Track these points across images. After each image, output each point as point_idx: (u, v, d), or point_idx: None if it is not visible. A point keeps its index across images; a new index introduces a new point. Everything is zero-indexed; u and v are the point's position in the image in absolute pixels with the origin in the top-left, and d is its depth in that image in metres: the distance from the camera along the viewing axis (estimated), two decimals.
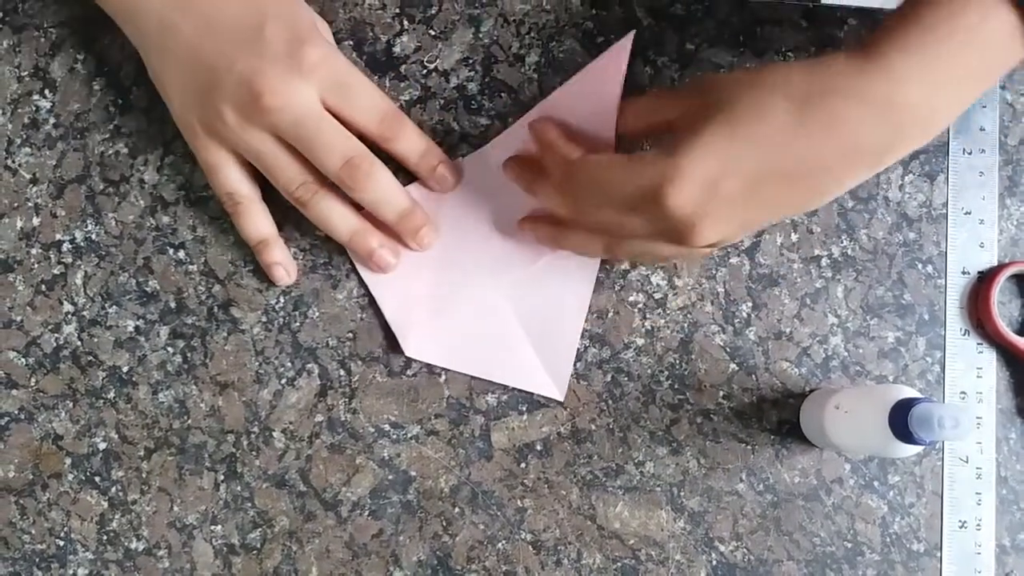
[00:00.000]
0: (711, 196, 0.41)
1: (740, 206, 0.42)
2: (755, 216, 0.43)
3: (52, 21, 0.53)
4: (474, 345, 0.52)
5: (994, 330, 0.53)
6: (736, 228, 0.43)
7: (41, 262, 0.52)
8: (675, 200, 0.41)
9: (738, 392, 0.53)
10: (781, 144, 0.41)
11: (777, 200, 0.43)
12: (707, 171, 0.41)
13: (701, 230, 0.42)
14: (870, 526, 0.52)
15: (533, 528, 0.52)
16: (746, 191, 0.42)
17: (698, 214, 0.42)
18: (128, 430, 0.51)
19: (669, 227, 0.43)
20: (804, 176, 0.42)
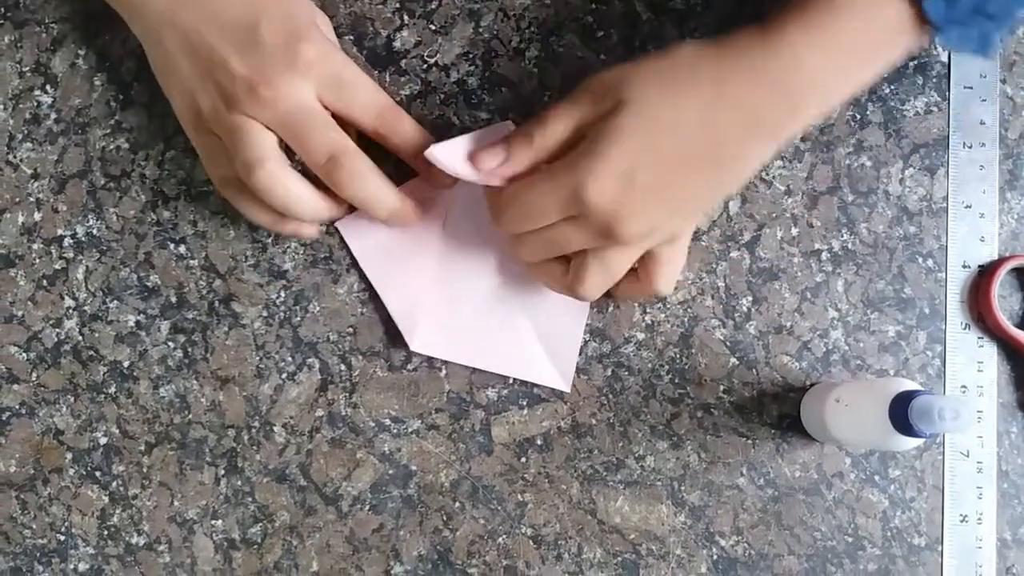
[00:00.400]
0: (629, 187, 0.42)
1: (659, 193, 0.43)
2: (677, 203, 0.44)
3: (53, 16, 0.53)
4: (479, 338, 0.52)
5: (995, 324, 0.53)
6: (662, 216, 0.44)
7: (42, 257, 0.52)
8: (595, 196, 0.42)
9: (738, 386, 0.53)
10: (694, 128, 0.43)
11: (695, 185, 0.44)
12: (622, 163, 0.42)
13: (626, 220, 0.43)
14: (871, 520, 0.52)
15: (534, 523, 0.52)
16: (663, 178, 0.43)
17: (620, 204, 0.42)
18: (129, 425, 0.52)
19: (597, 224, 0.43)
20: (715, 158, 0.43)
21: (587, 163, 0.42)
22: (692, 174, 0.43)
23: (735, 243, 0.53)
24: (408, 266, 0.52)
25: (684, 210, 0.45)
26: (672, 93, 0.43)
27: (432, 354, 0.52)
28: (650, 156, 0.42)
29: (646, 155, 0.42)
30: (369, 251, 0.52)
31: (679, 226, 0.46)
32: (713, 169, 0.44)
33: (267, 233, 0.52)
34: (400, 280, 0.52)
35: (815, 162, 0.54)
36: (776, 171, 0.54)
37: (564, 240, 0.45)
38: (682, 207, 0.45)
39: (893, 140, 0.54)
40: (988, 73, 0.55)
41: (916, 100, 0.55)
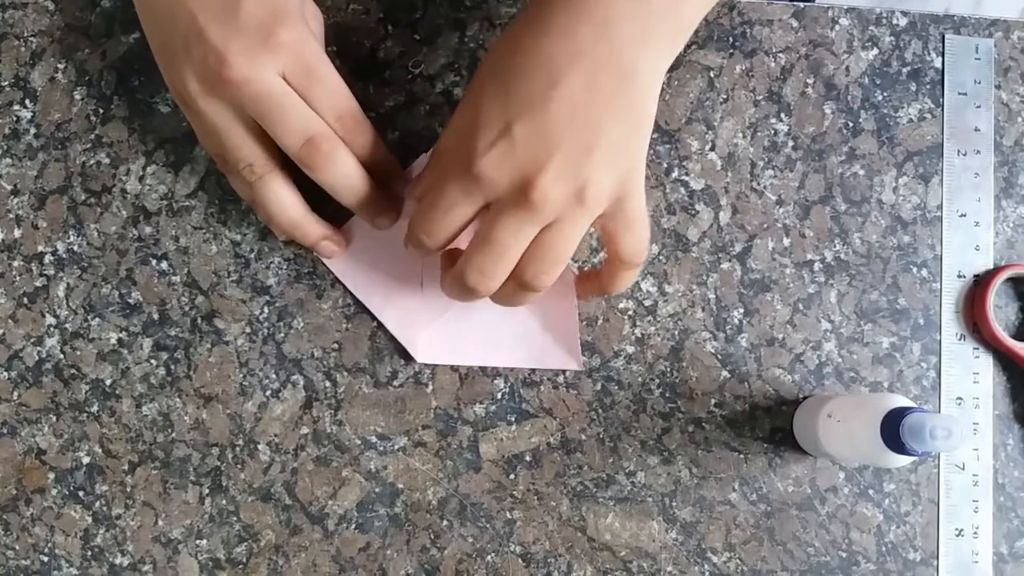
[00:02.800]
0: (511, 142, 0.40)
1: (547, 136, 0.40)
2: (584, 146, 0.40)
3: (32, 30, 0.53)
4: (483, 336, 0.51)
5: (990, 334, 0.52)
6: (575, 167, 0.40)
7: (23, 274, 0.51)
8: (483, 166, 0.41)
9: (730, 400, 0.52)
10: (538, 54, 0.40)
11: (578, 111, 0.40)
12: (494, 125, 0.40)
13: (535, 183, 0.40)
14: (865, 535, 0.51)
15: (523, 540, 0.51)
16: (540, 119, 0.40)
17: (516, 165, 0.40)
18: (112, 444, 0.51)
19: (511, 200, 0.41)
20: (580, 72, 0.40)
21: (465, 141, 0.41)
22: (573, 104, 0.40)
23: (726, 254, 0.53)
24: (396, 281, 0.51)
25: (596, 152, 0.41)
26: (514, 41, 0.41)
27: (439, 362, 0.51)
28: (518, 102, 0.40)
29: (514, 103, 0.40)
30: (356, 274, 0.51)
31: (612, 180, 0.41)
32: (601, 97, 0.40)
33: (250, 248, 0.52)
34: (392, 296, 0.51)
35: (807, 171, 0.53)
36: (767, 180, 0.53)
37: (497, 234, 0.42)
38: (589, 148, 0.40)
39: (886, 148, 0.53)
40: (982, 79, 0.54)
41: (909, 107, 0.54)
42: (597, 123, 0.41)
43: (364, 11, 0.53)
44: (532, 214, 0.41)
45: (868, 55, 0.54)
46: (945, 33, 0.54)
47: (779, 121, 0.53)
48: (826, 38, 0.54)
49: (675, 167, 0.53)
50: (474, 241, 0.43)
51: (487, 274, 0.43)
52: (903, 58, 0.54)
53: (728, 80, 0.53)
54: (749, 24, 0.54)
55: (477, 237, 0.43)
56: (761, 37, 0.54)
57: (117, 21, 0.53)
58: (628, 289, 0.52)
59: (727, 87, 0.53)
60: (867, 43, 0.54)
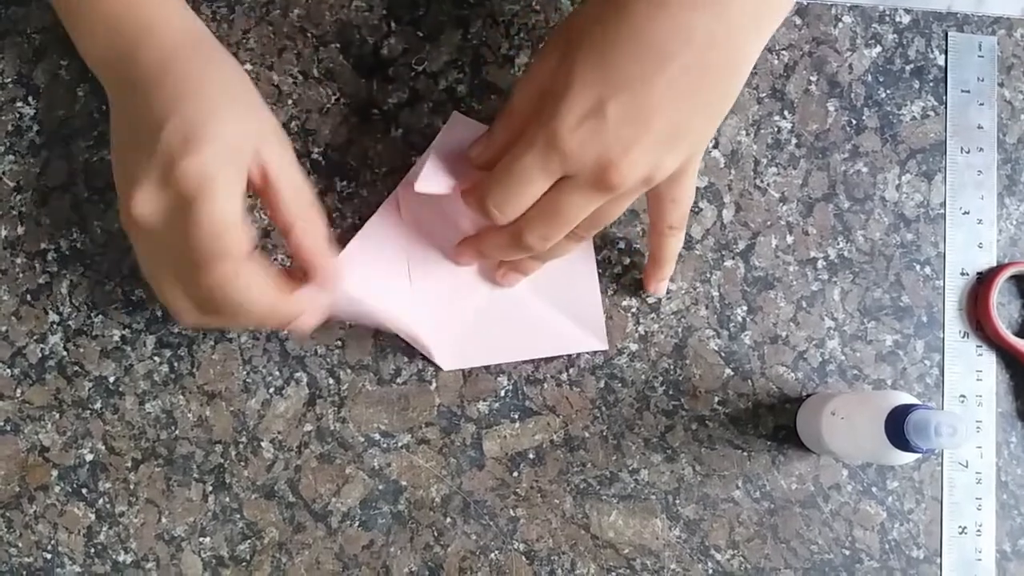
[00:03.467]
0: (603, 122, 0.39)
1: (641, 123, 0.39)
2: (667, 130, 0.39)
3: (35, 27, 0.52)
4: (506, 333, 0.51)
5: (994, 332, 0.52)
6: (656, 150, 0.40)
7: (26, 271, 0.51)
8: (569, 141, 0.39)
9: (733, 397, 0.52)
10: (648, 33, 0.38)
11: (678, 98, 0.39)
12: (586, 100, 0.39)
13: (615, 163, 0.39)
14: (869, 533, 0.51)
15: (526, 538, 0.51)
16: (637, 102, 0.39)
17: (601, 144, 0.39)
18: (115, 441, 0.51)
19: (588, 176, 0.40)
20: (691, 59, 0.38)
21: (551, 110, 0.39)
22: (665, 85, 0.38)
23: (729, 252, 0.53)
24: (415, 298, 0.51)
25: (679, 138, 0.40)
26: (618, 13, 0.39)
27: (466, 365, 0.51)
28: (613, 81, 0.38)
29: (609, 82, 0.39)
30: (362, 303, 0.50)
31: (679, 159, 0.41)
32: (694, 79, 0.39)
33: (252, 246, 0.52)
34: (412, 313, 0.51)
35: (810, 168, 0.53)
36: (771, 178, 0.53)
37: (565, 207, 0.42)
38: (675, 134, 0.40)
39: (890, 145, 0.53)
40: (986, 77, 0.54)
41: (913, 105, 0.54)
42: (693, 113, 0.40)
43: (367, 8, 0.53)
44: (607, 194, 0.41)
45: (871, 52, 0.54)
46: (948, 30, 0.54)
47: (782, 118, 0.53)
48: (829, 35, 0.54)
49: None
50: (540, 208, 0.42)
51: (548, 238, 0.43)
52: (906, 55, 0.54)
53: None
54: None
55: (544, 205, 0.42)
56: None
57: None
58: (632, 287, 0.52)
59: None
60: (870, 40, 0.54)
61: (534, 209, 0.42)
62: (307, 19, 0.52)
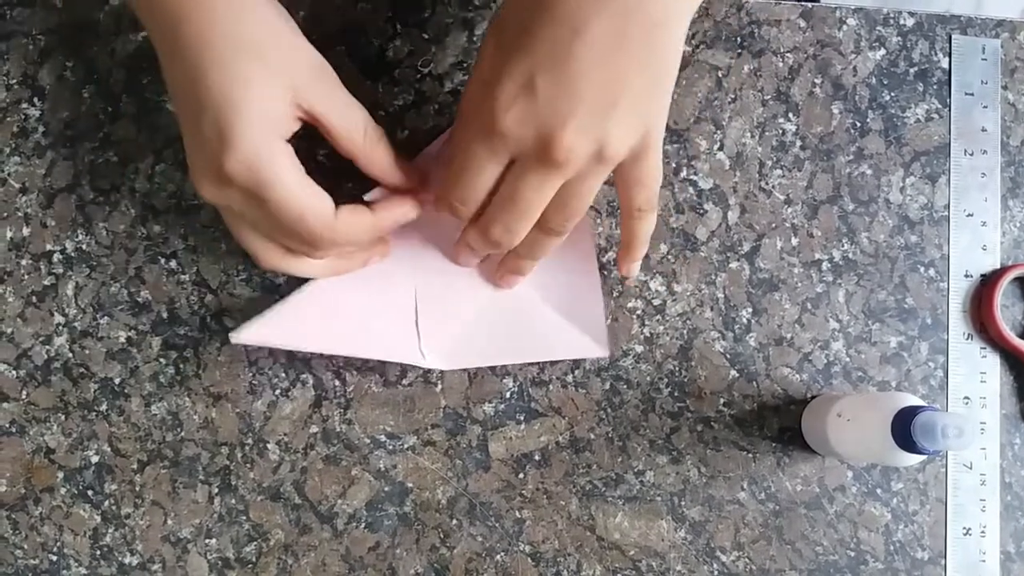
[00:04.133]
0: (534, 96, 0.39)
1: (571, 90, 0.39)
2: (607, 99, 0.39)
3: (40, 28, 0.52)
4: (506, 335, 0.51)
5: (997, 334, 0.52)
6: (597, 120, 0.40)
7: (31, 273, 0.51)
8: (505, 122, 0.40)
9: (739, 399, 0.52)
10: (563, 5, 0.38)
11: (614, 70, 0.39)
12: (516, 79, 0.39)
13: (557, 136, 0.39)
14: (873, 534, 0.51)
15: (532, 540, 0.51)
16: (564, 72, 0.39)
17: (540, 118, 0.39)
18: (121, 443, 0.51)
19: (534, 154, 0.40)
20: (608, 23, 0.38)
21: (487, 95, 0.40)
22: (599, 57, 0.39)
23: (734, 254, 0.53)
24: (415, 307, 0.51)
25: (617, 105, 0.40)
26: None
27: (461, 365, 0.51)
28: (542, 56, 0.39)
29: (537, 56, 0.39)
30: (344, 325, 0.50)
31: (633, 135, 0.41)
32: (614, 42, 0.39)
33: None
34: (413, 322, 0.51)
35: (815, 171, 0.53)
36: (775, 180, 0.53)
37: (520, 192, 0.42)
38: (611, 102, 0.39)
39: (894, 148, 0.54)
40: (989, 79, 0.54)
41: (917, 107, 0.54)
42: (622, 76, 0.39)
43: (373, 10, 0.53)
44: (555, 170, 0.41)
45: (875, 55, 0.54)
46: (952, 33, 0.54)
47: (787, 121, 0.53)
48: (834, 38, 0.54)
49: (683, 166, 0.53)
50: (498, 197, 0.43)
51: (512, 230, 0.44)
52: (910, 58, 0.54)
53: (736, 80, 0.53)
54: (757, 24, 0.54)
55: (501, 194, 0.43)
56: (769, 37, 0.54)
57: (125, 19, 0.52)
58: (637, 289, 0.52)
59: (735, 87, 0.53)
60: (874, 43, 0.54)
61: (494, 200, 0.43)
62: (313, 21, 0.52)
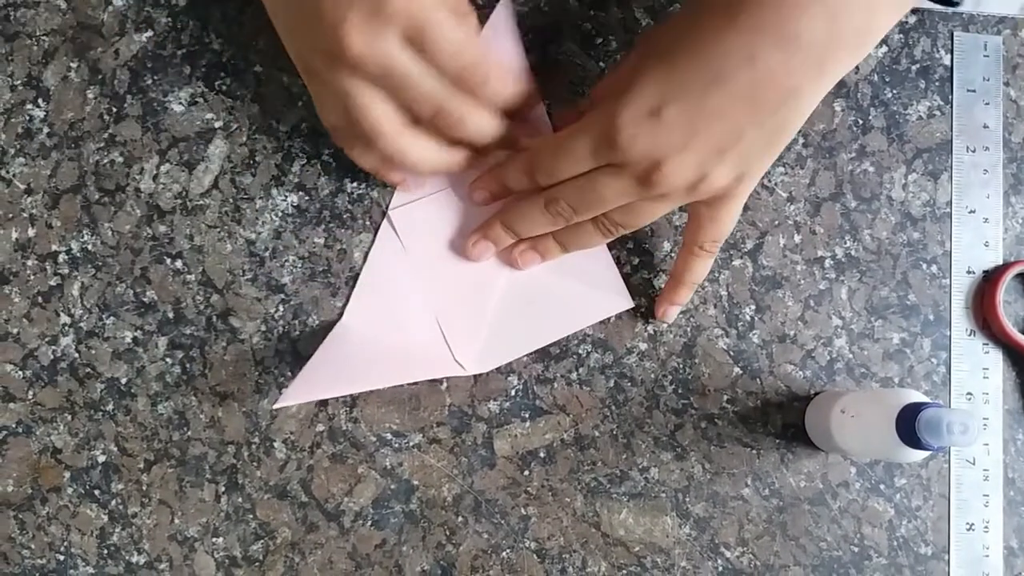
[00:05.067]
0: (658, 123, 0.41)
1: (698, 131, 0.41)
2: (722, 143, 0.41)
3: (44, 29, 0.53)
4: (530, 320, 0.52)
5: (1000, 330, 0.52)
6: (707, 159, 0.42)
7: (37, 273, 0.52)
8: (624, 137, 0.41)
9: (742, 396, 0.52)
10: (713, 47, 0.40)
11: (731, 113, 0.41)
12: (647, 100, 0.41)
13: (665, 163, 0.41)
14: (877, 530, 0.52)
15: (537, 536, 0.51)
16: (693, 109, 0.41)
17: (655, 142, 0.41)
18: (127, 442, 0.51)
19: (636, 170, 0.42)
20: (748, 78, 0.40)
21: (615, 104, 0.42)
22: (721, 100, 0.40)
23: (737, 251, 0.53)
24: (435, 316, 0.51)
25: (728, 152, 0.42)
26: (689, 25, 0.41)
27: (504, 361, 0.51)
28: (676, 89, 0.41)
29: (672, 88, 0.41)
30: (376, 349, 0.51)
31: (728, 181, 0.43)
32: (748, 100, 0.40)
33: (264, 247, 0.52)
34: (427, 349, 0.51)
35: (817, 168, 0.53)
36: (778, 178, 0.53)
37: (602, 187, 0.44)
38: (724, 148, 0.42)
39: (896, 145, 0.54)
40: (991, 76, 0.54)
41: (919, 104, 0.54)
42: (743, 128, 0.41)
43: None
44: (646, 190, 0.43)
45: (877, 52, 0.54)
46: (954, 30, 0.55)
47: None
48: None
49: None
50: (581, 181, 0.44)
51: (580, 209, 0.46)
52: (912, 55, 0.54)
53: None
54: None
55: (585, 182, 0.44)
56: None
57: (130, 19, 0.53)
58: (640, 287, 0.52)
59: None
60: None
61: (575, 181, 0.45)
62: None
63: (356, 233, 0.52)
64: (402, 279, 0.51)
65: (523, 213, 0.48)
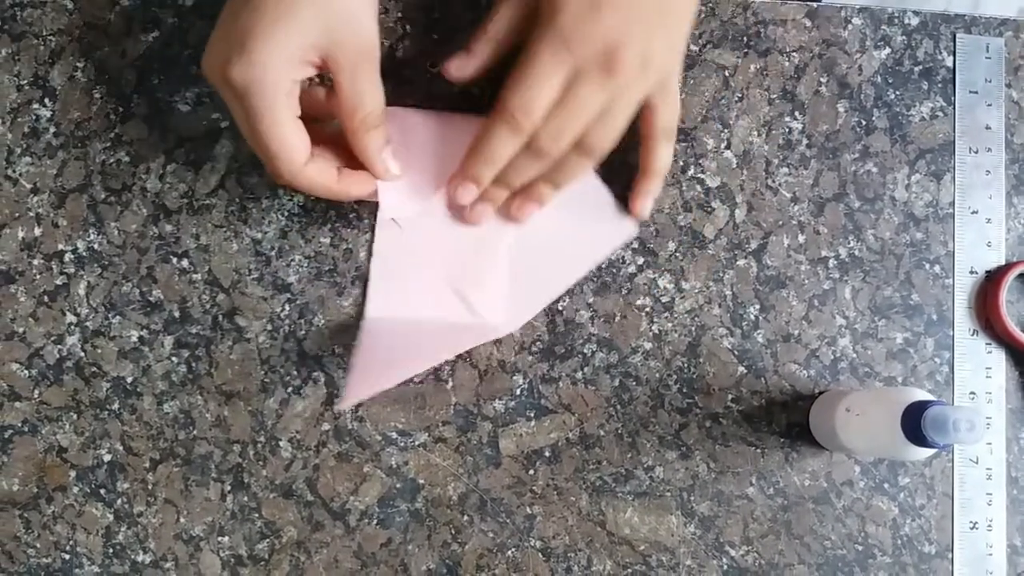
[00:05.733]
0: (599, 10, 0.44)
1: (630, 11, 0.44)
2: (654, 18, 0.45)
3: (51, 29, 0.53)
4: (546, 269, 0.52)
5: (1003, 330, 0.52)
6: (647, 36, 0.45)
7: (43, 273, 0.52)
8: (576, 34, 0.44)
9: (747, 395, 0.52)
10: None
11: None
12: None
13: (619, 45, 0.44)
14: (881, 528, 0.52)
15: (543, 535, 0.51)
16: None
17: (605, 32, 0.44)
18: (133, 441, 0.51)
19: (596, 64, 0.44)
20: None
21: (551, 9, 0.44)
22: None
23: (742, 251, 0.53)
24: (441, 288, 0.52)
25: (664, 30, 0.46)
26: None
27: (526, 319, 0.52)
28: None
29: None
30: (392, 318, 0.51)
31: (667, 55, 0.47)
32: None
33: (270, 246, 0.52)
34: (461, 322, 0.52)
35: (821, 169, 0.54)
36: (782, 178, 0.53)
37: (573, 102, 0.45)
38: (661, 25, 0.45)
39: (899, 146, 0.54)
40: (993, 78, 0.55)
41: (922, 105, 0.54)
42: (666, 5, 0.45)
43: (383, 11, 0.53)
44: (612, 79, 0.45)
45: (880, 54, 0.55)
46: (956, 32, 0.55)
47: (793, 119, 0.54)
48: (839, 37, 0.55)
49: (691, 165, 0.53)
50: (556, 106, 0.45)
51: (562, 135, 0.46)
52: (915, 57, 0.55)
53: (743, 79, 0.54)
54: (763, 24, 0.54)
55: (559, 102, 0.45)
56: (775, 36, 0.54)
57: (136, 20, 0.53)
58: (645, 286, 0.52)
59: (742, 86, 0.54)
60: (879, 42, 0.55)
61: (551, 111, 0.46)
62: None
63: (362, 232, 0.52)
64: (410, 262, 0.52)
65: (512, 164, 0.49)
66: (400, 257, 0.52)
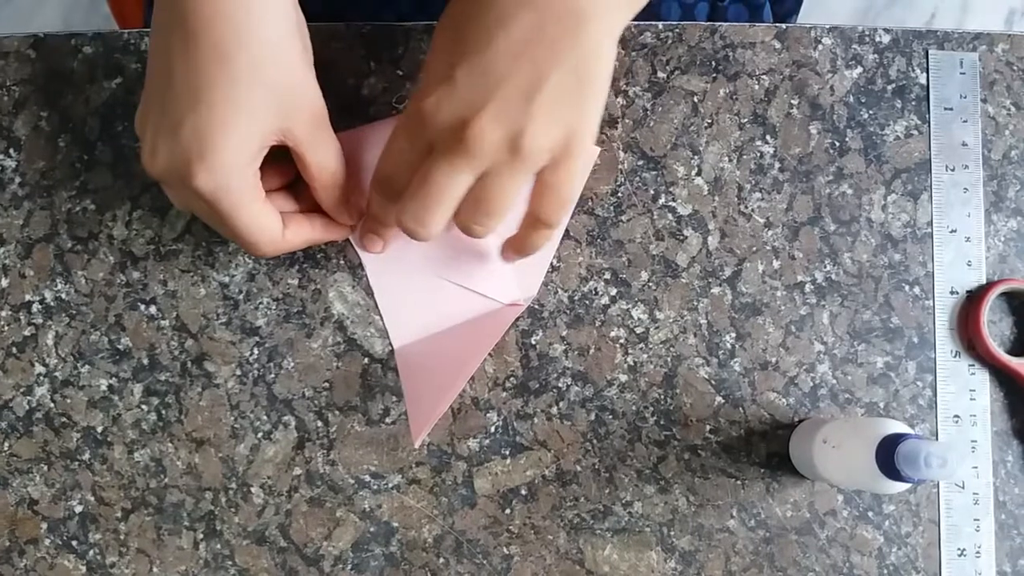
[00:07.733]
0: (453, 84, 0.40)
1: (488, 79, 0.40)
2: (516, 83, 0.40)
3: (14, 79, 0.53)
4: None
5: (985, 350, 0.51)
6: (515, 113, 0.40)
7: (11, 324, 0.51)
8: (426, 108, 0.41)
9: (725, 425, 0.51)
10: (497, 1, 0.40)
11: (525, 55, 0.39)
12: (440, 70, 0.41)
13: (470, 121, 0.40)
14: (866, 558, 0.51)
15: (521, 575, 0.50)
16: (484, 61, 0.40)
17: (455, 107, 0.40)
18: (104, 491, 0.51)
19: (448, 142, 0.41)
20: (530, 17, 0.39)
21: (417, 95, 0.42)
22: (520, 48, 0.39)
23: (716, 279, 0.52)
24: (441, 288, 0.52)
25: (539, 103, 0.40)
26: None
27: (540, 280, 0.52)
28: (464, 46, 0.40)
29: (460, 46, 0.40)
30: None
31: (552, 135, 0.41)
32: (547, 41, 0.39)
33: (238, 289, 0.52)
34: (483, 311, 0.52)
35: (794, 192, 0.53)
36: (755, 203, 0.53)
37: (432, 179, 0.42)
38: (528, 95, 0.40)
39: (874, 166, 0.53)
40: (968, 94, 0.54)
41: (896, 124, 0.54)
42: (540, 69, 0.40)
43: (347, 48, 0.53)
44: (466, 157, 0.41)
45: (852, 74, 0.54)
46: (929, 49, 0.54)
47: (765, 143, 0.53)
48: (809, 58, 0.54)
49: (662, 193, 0.53)
50: (411, 185, 0.43)
51: (420, 220, 0.43)
52: (887, 75, 0.54)
53: (712, 104, 0.53)
54: (731, 47, 0.54)
55: (414, 181, 0.43)
56: (744, 60, 0.54)
57: (99, 67, 0.53)
58: (619, 317, 0.52)
59: (711, 111, 0.53)
60: (851, 62, 0.54)
61: (409, 189, 0.43)
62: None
63: (330, 273, 0.52)
64: (409, 280, 0.52)
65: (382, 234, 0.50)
66: (398, 280, 0.52)
